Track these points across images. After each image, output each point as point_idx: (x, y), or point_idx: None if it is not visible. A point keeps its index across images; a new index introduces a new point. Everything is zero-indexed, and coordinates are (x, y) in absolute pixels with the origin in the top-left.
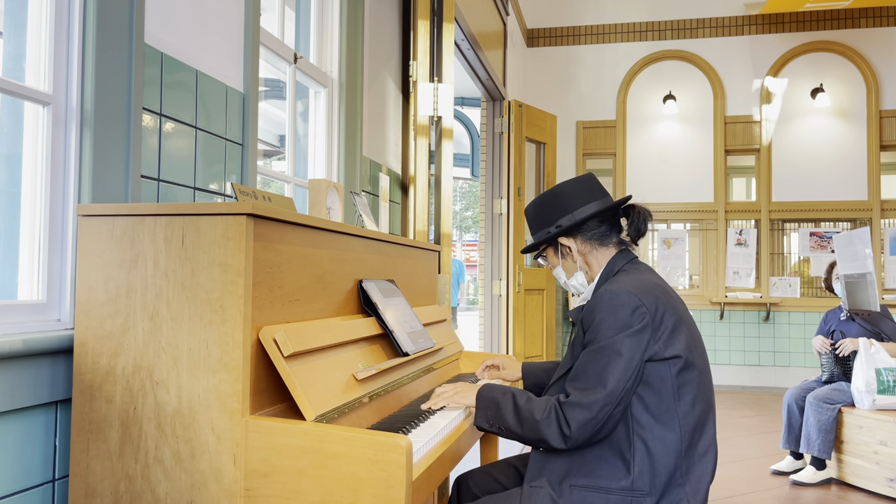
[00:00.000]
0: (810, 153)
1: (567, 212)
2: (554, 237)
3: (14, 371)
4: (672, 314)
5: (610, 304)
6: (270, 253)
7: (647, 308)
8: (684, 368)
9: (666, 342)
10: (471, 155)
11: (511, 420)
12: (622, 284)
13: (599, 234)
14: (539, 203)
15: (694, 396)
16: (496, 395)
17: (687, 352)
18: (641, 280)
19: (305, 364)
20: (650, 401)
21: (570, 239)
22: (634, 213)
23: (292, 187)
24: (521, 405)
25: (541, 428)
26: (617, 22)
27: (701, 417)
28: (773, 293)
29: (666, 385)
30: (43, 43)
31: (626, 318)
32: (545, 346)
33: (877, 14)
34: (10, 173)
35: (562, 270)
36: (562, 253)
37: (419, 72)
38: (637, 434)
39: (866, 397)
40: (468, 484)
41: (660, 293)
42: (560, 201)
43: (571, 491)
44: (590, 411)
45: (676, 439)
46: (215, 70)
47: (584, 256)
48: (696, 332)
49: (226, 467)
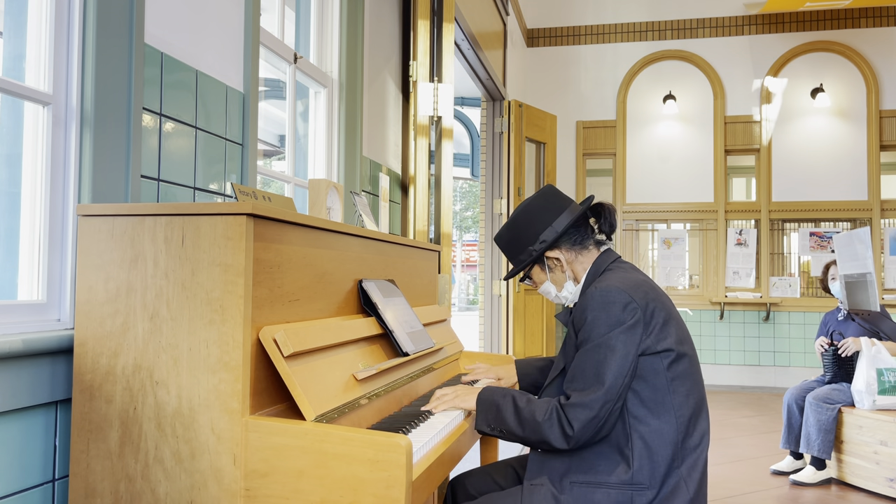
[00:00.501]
0: (810, 153)
1: (546, 225)
2: (541, 253)
3: (14, 371)
4: (662, 309)
5: (601, 302)
6: (270, 253)
7: (638, 303)
8: (676, 360)
9: (657, 336)
10: (471, 155)
11: (512, 422)
12: (611, 282)
13: (579, 239)
14: (512, 227)
15: (688, 388)
16: (496, 398)
17: (678, 345)
18: (628, 278)
19: (305, 364)
20: (645, 394)
21: (557, 250)
22: (604, 211)
23: (292, 187)
24: (522, 407)
25: (543, 429)
26: (617, 22)
27: (695, 408)
28: (773, 293)
29: (660, 378)
30: (43, 43)
31: (618, 313)
32: (545, 346)
33: (877, 14)
34: (10, 173)
35: (551, 285)
36: (549, 267)
37: (419, 72)
38: (634, 428)
39: (867, 397)
40: (464, 485)
41: (648, 289)
42: (534, 219)
43: (572, 487)
44: (591, 410)
45: (673, 430)
46: (215, 70)
47: (570, 265)
48: (685, 327)
49: (226, 467)
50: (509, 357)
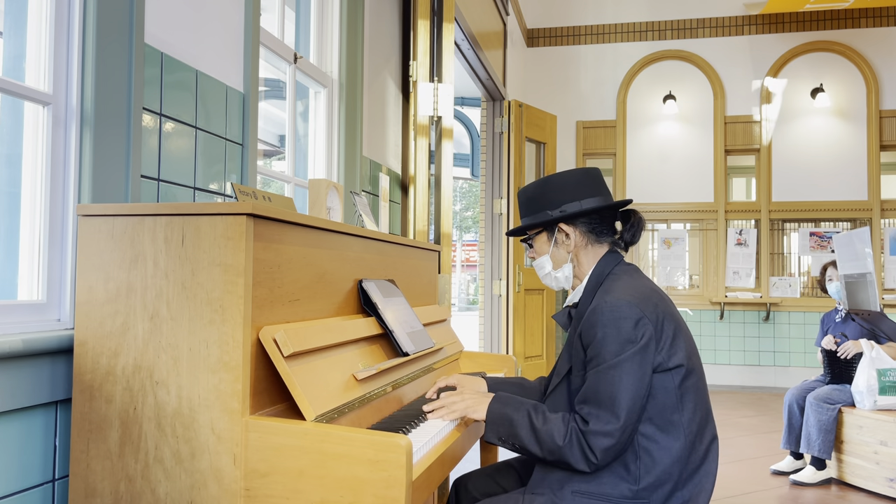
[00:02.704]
0: (810, 153)
1: (574, 199)
2: (555, 221)
3: (14, 371)
4: (671, 321)
5: (611, 318)
6: (270, 253)
7: (649, 318)
8: (686, 376)
9: (668, 352)
10: (471, 155)
11: (528, 440)
12: (620, 294)
13: (597, 230)
14: (541, 186)
15: (695, 403)
16: (509, 411)
17: (688, 359)
18: (636, 286)
19: (305, 364)
20: (653, 411)
21: (571, 227)
22: (634, 218)
23: (292, 187)
24: (539, 427)
25: (564, 453)
26: (617, 22)
27: (702, 423)
28: (773, 293)
29: (670, 395)
30: (43, 43)
31: (630, 330)
32: (545, 346)
33: (877, 14)
34: (10, 173)
35: (549, 260)
36: (556, 240)
37: (419, 72)
38: (641, 445)
39: (867, 398)
40: (467, 487)
41: (657, 300)
42: (565, 188)
43: (574, 497)
44: (612, 438)
45: (681, 447)
46: (215, 70)
47: (577, 249)
48: (690, 335)
49: (226, 467)
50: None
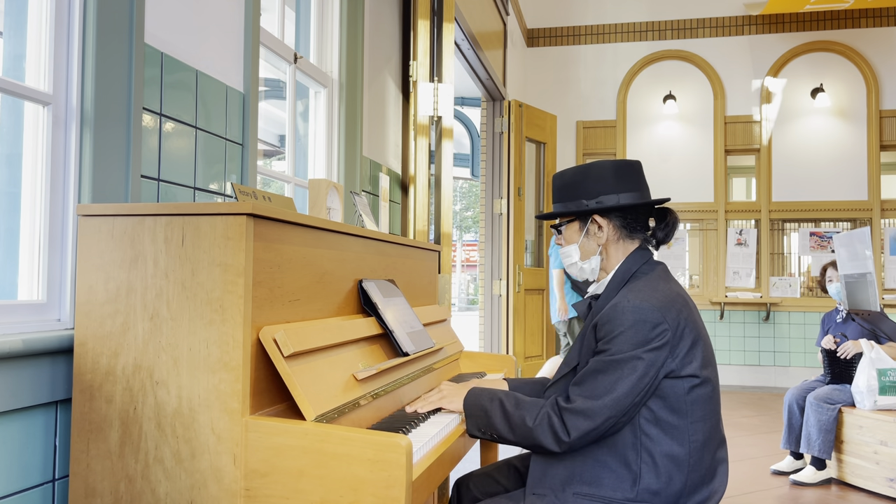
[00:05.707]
0: (810, 153)
1: (612, 191)
2: (590, 212)
3: (14, 371)
4: (692, 330)
5: (633, 319)
6: (270, 253)
7: (670, 325)
8: (698, 386)
9: (683, 360)
10: (471, 155)
11: (502, 427)
12: (646, 297)
13: (631, 225)
14: (580, 173)
15: (704, 413)
16: (483, 401)
17: (702, 369)
18: (662, 290)
19: (305, 364)
20: (661, 414)
21: (605, 220)
22: (670, 217)
23: (292, 187)
24: (511, 412)
25: (534, 434)
26: (617, 22)
27: (708, 434)
28: (773, 293)
29: (680, 401)
30: (43, 43)
31: (647, 333)
32: (545, 346)
33: (877, 14)
34: (10, 173)
35: (577, 250)
36: (587, 231)
37: (419, 72)
38: (645, 446)
39: (867, 398)
40: (468, 486)
41: (681, 306)
42: (605, 179)
43: (576, 499)
44: (592, 421)
45: (684, 453)
46: (215, 70)
47: (608, 243)
48: (710, 345)
49: (226, 467)
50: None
